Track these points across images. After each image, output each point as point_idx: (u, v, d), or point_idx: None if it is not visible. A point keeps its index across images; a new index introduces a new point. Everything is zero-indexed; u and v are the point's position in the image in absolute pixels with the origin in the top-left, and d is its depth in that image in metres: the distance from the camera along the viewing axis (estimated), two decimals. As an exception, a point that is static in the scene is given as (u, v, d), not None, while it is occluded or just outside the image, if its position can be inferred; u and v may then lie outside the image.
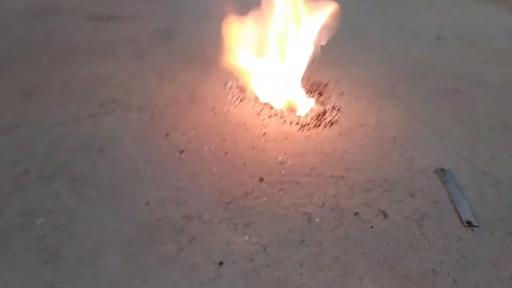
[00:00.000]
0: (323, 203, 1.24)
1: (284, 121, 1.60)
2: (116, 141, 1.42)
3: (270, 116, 1.62)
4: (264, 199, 1.24)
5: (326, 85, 1.90)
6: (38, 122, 1.48)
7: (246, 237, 1.11)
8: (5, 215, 1.11)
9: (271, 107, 1.67)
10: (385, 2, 3.16)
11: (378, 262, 1.08)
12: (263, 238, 1.11)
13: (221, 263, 1.03)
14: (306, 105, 1.67)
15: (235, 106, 1.68)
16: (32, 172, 1.26)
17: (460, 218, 1.24)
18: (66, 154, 1.35)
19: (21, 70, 1.85)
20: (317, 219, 1.19)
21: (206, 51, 1.82)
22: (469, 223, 1.22)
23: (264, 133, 1.52)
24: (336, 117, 1.67)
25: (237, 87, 1.79)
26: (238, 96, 1.74)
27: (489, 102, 1.89)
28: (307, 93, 1.79)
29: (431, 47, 2.44)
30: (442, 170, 1.42)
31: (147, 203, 1.18)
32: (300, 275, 1.03)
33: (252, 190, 1.26)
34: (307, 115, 1.65)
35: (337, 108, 1.72)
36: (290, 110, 1.66)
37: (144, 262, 1.02)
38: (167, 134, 1.47)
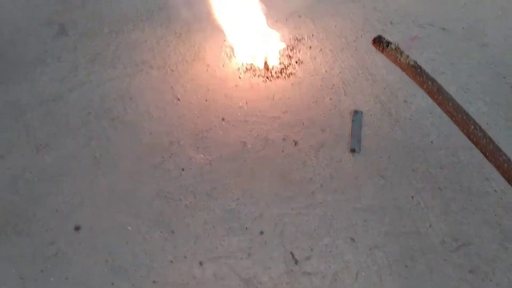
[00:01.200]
0: (258, 135, 1.89)
1: (255, 75, 2.19)
2: (140, 93, 2.19)
3: (246, 71, 2.22)
4: (221, 132, 1.93)
5: (300, 39, 2.38)
6: (97, 80, 2.31)
7: (201, 155, 1.84)
8: (71, 144, 1.99)
9: (249, 63, 2.26)
10: None
11: (276, 172, 1.74)
12: (211, 156, 1.83)
13: (183, 169, 1.79)
14: (274, 60, 2.22)
15: (224, 63, 2.30)
16: (92, 114, 2.11)
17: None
18: (111, 101, 2.17)
19: (91, 38, 2.68)
20: (249, 146, 1.86)
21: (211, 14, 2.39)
22: (353, 150, 1.77)
23: (236, 85, 2.15)
24: (296, 69, 2.19)
25: (230, 46, 2.38)
26: (228, 54, 2.34)
27: (443, 48, 2.19)
28: (281, 49, 2.31)
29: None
30: (356, 111, 1.92)
31: (150, 133, 1.96)
32: (226, 178, 1.75)
33: (215, 126, 1.96)
34: (273, 69, 2.21)
35: (300, 62, 2.23)
36: (262, 65, 2.23)
37: (143, 165, 1.83)
38: (172, 87, 2.19)
